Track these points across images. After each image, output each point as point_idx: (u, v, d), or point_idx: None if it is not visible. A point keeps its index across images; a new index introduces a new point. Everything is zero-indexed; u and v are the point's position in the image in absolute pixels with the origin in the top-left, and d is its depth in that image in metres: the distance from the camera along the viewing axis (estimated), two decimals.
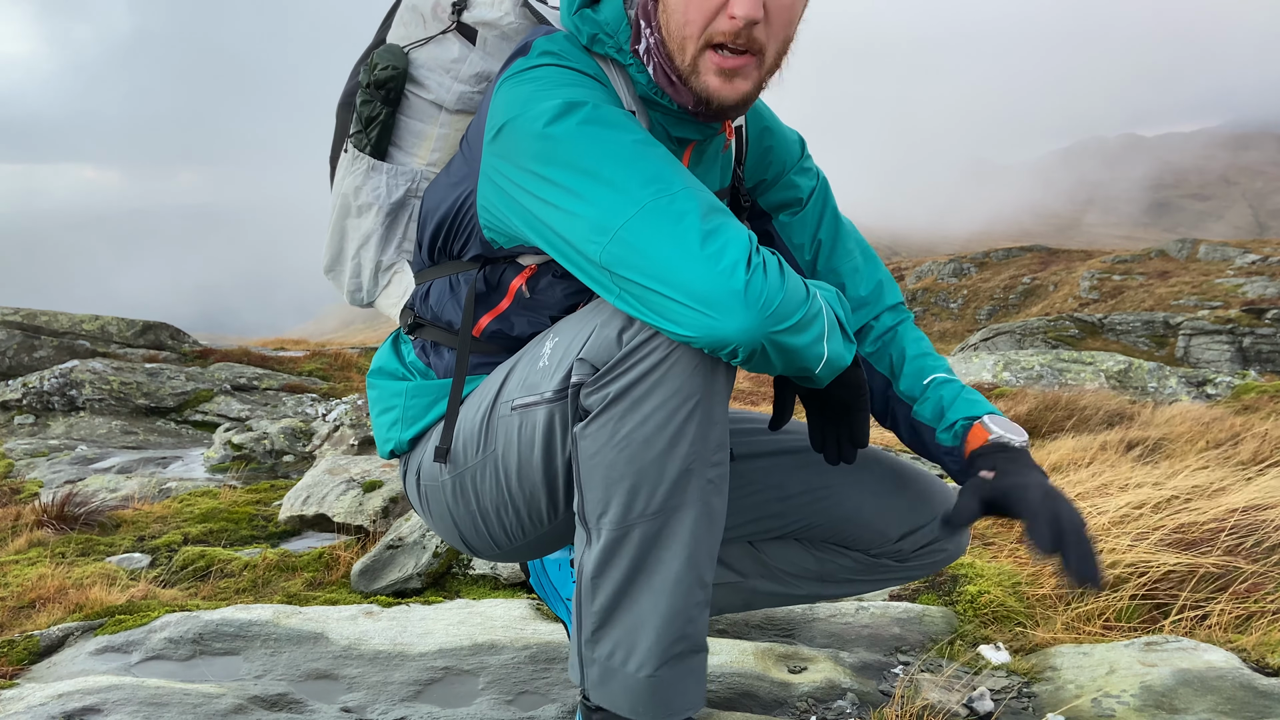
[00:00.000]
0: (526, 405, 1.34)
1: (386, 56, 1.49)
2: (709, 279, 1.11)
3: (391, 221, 1.57)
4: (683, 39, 1.29)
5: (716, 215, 1.17)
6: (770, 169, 1.63)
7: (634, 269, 1.15)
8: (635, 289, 1.16)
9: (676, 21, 1.29)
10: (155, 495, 4.75)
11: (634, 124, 1.26)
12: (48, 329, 11.45)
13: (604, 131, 1.22)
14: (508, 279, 1.45)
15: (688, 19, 1.28)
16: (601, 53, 1.38)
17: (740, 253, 1.12)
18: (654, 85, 1.36)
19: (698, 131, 1.43)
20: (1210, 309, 27.12)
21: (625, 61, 1.37)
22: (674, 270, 1.12)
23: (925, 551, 1.61)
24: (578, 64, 1.35)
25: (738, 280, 1.10)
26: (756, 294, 1.10)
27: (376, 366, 1.66)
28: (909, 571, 1.65)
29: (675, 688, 1.29)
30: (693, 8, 1.27)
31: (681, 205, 1.16)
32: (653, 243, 1.14)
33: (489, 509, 1.45)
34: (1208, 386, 11.51)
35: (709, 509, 1.26)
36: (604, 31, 1.36)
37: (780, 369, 1.19)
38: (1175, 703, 1.76)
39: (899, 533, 1.58)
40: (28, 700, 1.78)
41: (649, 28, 1.33)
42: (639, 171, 1.19)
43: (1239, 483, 3.10)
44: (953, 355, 18.26)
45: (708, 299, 1.11)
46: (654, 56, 1.34)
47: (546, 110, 1.24)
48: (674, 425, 1.21)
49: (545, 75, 1.31)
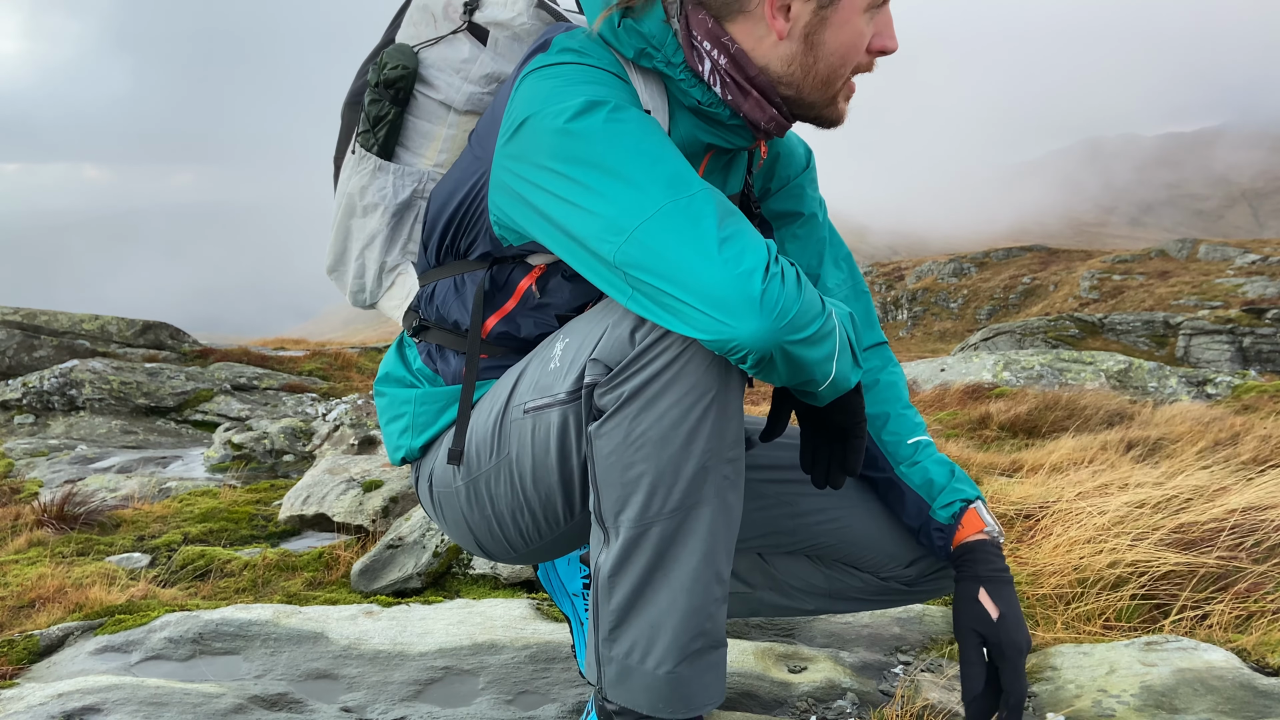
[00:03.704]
0: (539, 407, 1.33)
1: (396, 56, 1.48)
2: (725, 283, 1.11)
3: (397, 222, 1.56)
4: (834, 79, 1.36)
5: (734, 220, 1.17)
6: (777, 176, 1.64)
7: (649, 270, 1.15)
8: (649, 290, 1.16)
9: (831, 67, 1.35)
10: (155, 495, 4.75)
11: (654, 126, 1.26)
12: (47, 329, 11.45)
13: (626, 130, 1.22)
14: (516, 279, 1.44)
15: (845, 62, 1.35)
16: (649, 66, 1.37)
17: (759, 259, 1.12)
18: (711, 98, 1.37)
19: (733, 142, 1.43)
20: (1210, 309, 27.13)
21: (676, 76, 1.37)
22: (690, 273, 1.12)
23: (934, 578, 1.60)
24: (599, 61, 1.34)
25: (754, 285, 1.10)
26: (773, 301, 1.10)
27: (383, 373, 1.65)
28: (917, 595, 1.64)
29: (695, 683, 1.28)
30: (852, 52, 1.35)
31: (700, 207, 1.16)
32: (669, 245, 1.14)
33: (504, 513, 1.44)
34: (1208, 386, 11.50)
35: (726, 505, 1.26)
36: (651, 45, 1.36)
37: (786, 380, 1.18)
38: (1175, 702, 1.76)
39: (910, 558, 1.57)
40: (27, 700, 1.78)
41: (715, 48, 1.34)
42: (659, 173, 1.18)
43: (1239, 483, 3.09)
44: (953, 355, 18.26)
45: (722, 302, 1.11)
46: (723, 75, 1.35)
47: (569, 107, 1.23)
48: (690, 422, 1.21)
49: (567, 72, 1.31)
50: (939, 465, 1.52)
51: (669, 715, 1.29)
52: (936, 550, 1.50)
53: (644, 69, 1.39)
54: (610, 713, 1.34)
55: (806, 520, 1.57)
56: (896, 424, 1.55)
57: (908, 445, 1.54)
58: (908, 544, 1.57)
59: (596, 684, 1.34)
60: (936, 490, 1.50)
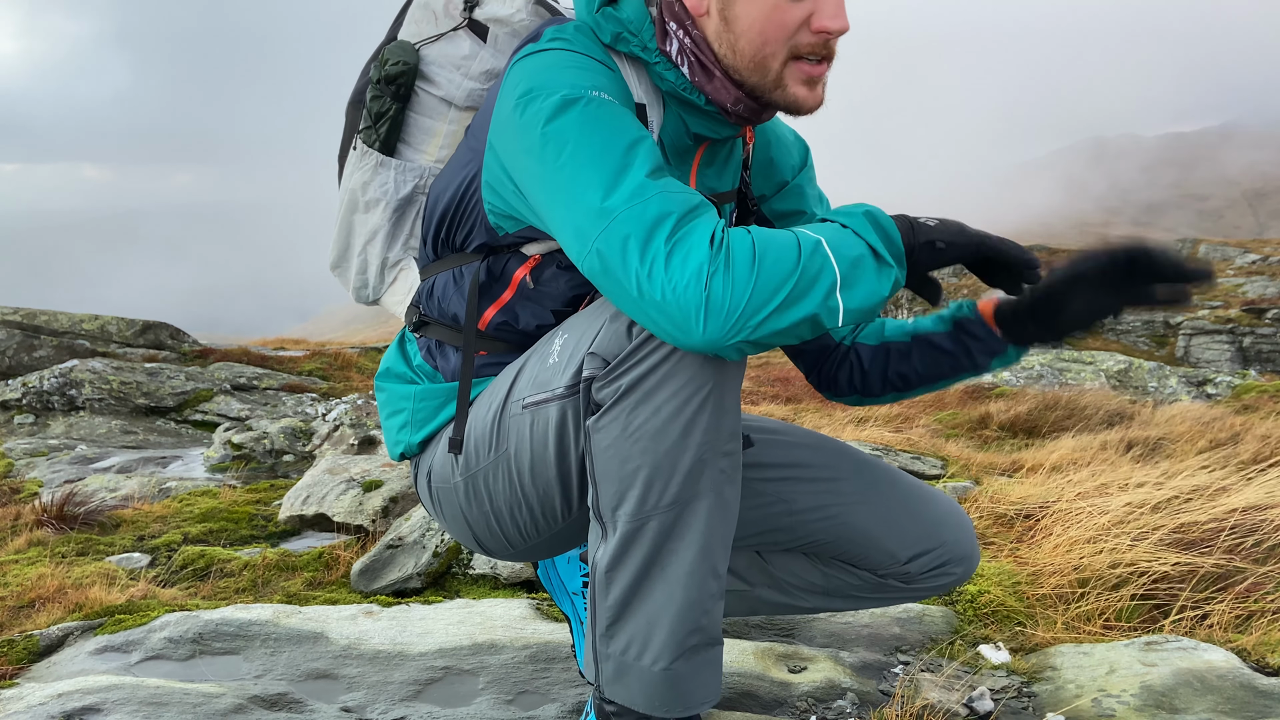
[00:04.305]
0: (538, 403, 1.34)
1: (397, 52, 1.50)
2: (672, 295, 1.10)
3: (399, 218, 1.57)
4: (763, 57, 1.32)
5: (688, 218, 1.15)
6: (775, 176, 1.64)
7: (611, 279, 1.16)
8: (615, 296, 1.17)
9: (752, 44, 1.31)
10: (155, 495, 4.74)
11: (629, 119, 1.26)
12: (47, 328, 11.45)
13: (594, 133, 1.22)
14: (511, 269, 1.45)
15: (768, 38, 1.30)
16: (625, 51, 1.38)
17: (702, 257, 1.10)
18: (684, 82, 1.37)
19: (718, 130, 1.43)
20: (1210, 309, 27.09)
21: (651, 60, 1.37)
22: (642, 286, 1.12)
23: (933, 574, 1.60)
24: (587, 50, 1.36)
25: (697, 293, 1.09)
26: (718, 302, 1.09)
27: (384, 369, 1.66)
28: (915, 593, 1.64)
29: (691, 680, 1.28)
30: (774, 26, 1.29)
31: (655, 210, 1.15)
32: (623, 259, 1.14)
33: (502, 509, 1.44)
34: (1208, 386, 11.50)
35: (722, 499, 1.26)
36: (628, 30, 1.37)
37: (797, 340, 1.16)
38: (1175, 702, 1.76)
39: (908, 555, 1.57)
40: (27, 700, 1.78)
41: (680, 29, 1.35)
42: (618, 176, 1.18)
43: (1239, 483, 3.09)
44: None
45: (672, 316, 1.11)
46: (689, 57, 1.35)
47: (549, 105, 1.24)
48: (686, 415, 1.21)
49: (553, 58, 1.32)
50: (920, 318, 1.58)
51: (666, 714, 1.29)
52: (985, 340, 1.49)
53: (632, 59, 1.40)
54: (609, 713, 1.34)
55: (804, 518, 1.57)
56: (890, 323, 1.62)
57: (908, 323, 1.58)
58: (908, 540, 1.57)
59: (594, 682, 1.34)
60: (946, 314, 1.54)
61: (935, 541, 1.58)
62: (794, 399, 10.06)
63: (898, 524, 1.57)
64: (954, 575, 1.62)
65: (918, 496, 1.61)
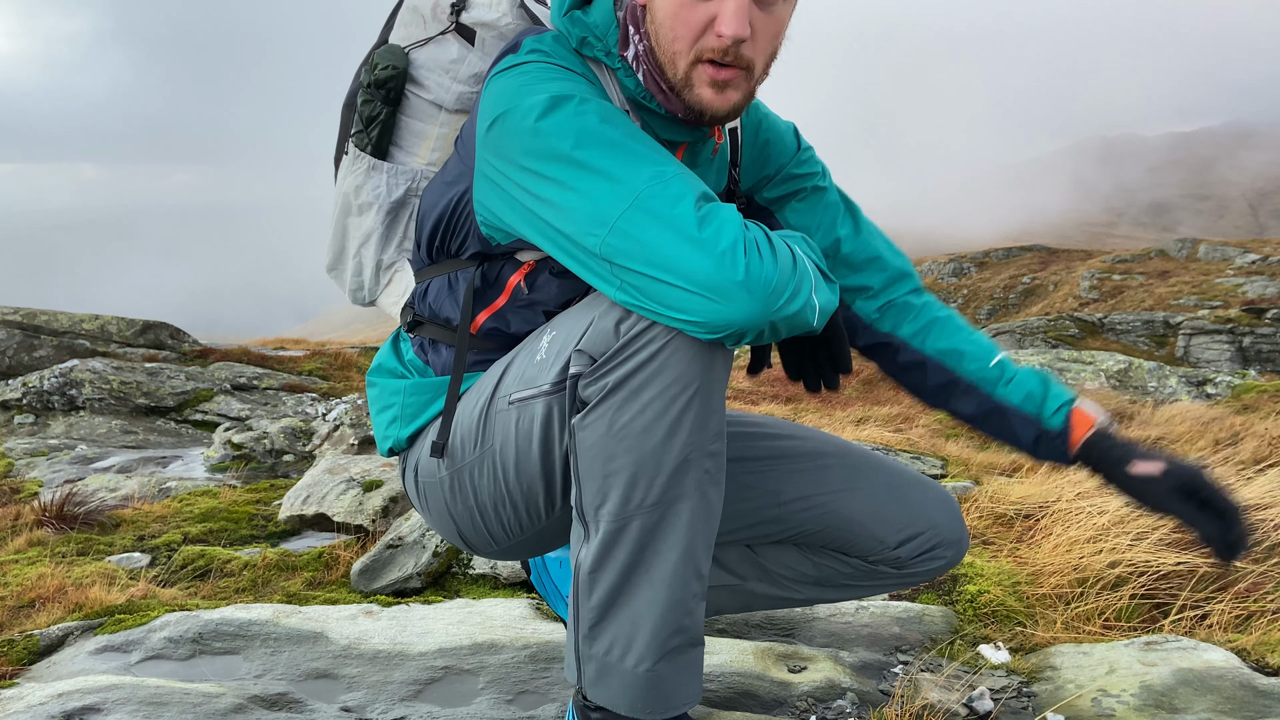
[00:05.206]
0: (524, 399, 1.34)
1: (387, 56, 1.51)
2: (711, 265, 1.11)
3: (392, 220, 1.58)
4: (673, 54, 1.31)
5: (707, 198, 1.18)
6: (769, 164, 1.64)
7: (634, 258, 1.15)
8: (636, 279, 1.16)
9: (666, 38, 1.31)
10: (155, 495, 4.74)
11: (622, 117, 1.27)
12: (47, 328, 11.45)
13: (593, 124, 1.23)
14: (505, 275, 1.45)
15: (675, 35, 1.29)
16: (590, 55, 1.39)
17: (736, 233, 1.13)
18: (642, 89, 1.37)
19: (686, 135, 1.44)
20: (1210, 309, 27.10)
21: (613, 65, 1.38)
22: (676, 258, 1.13)
23: (923, 559, 1.60)
24: (565, 62, 1.36)
25: (738, 267, 1.11)
26: (757, 279, 1.11)
27: (376, 364, 1.66)
28: (907, 579, 1.64)
29: (673, 682, 1.29)
30: (680, 24, 1.28)
31: (676, 190, 1.16)
32: (652, 232, 1.14)
33: (487, 505, 1.45)
34: (1208, 386, 11.50)
35: (706, 500, 1.27)
36: (593, 35, 1.37)
37: (783, 337, 1.19)
38: (1175, 702, 1.76)
39: (896, 540, 1.58)
40: (27, 700, 1.78)
41: (637, 34, 1.35)
42: (631, 161, 1.19)
43: (1239, 483, 3.09)
44: None
45: (711, 286, 1.11)
46: (643, 63, 1.35)
47: (535, 105, 1.24)
48: (672, 414, 1.21)
49: (532, 70, 1.32)
50: (1029, 376, 1.53)
51: (648, 716, 1.29)
52: (1058, 455, 1.50)
53: (603, 66, 1.40)
54: (591, 716, 1.34)
55: (792, 508, 1.58)
56: (974, 352, 1.56)
57: (992, 368, 1.54)
58: (895, 525, 1.57)
59: (576, 683, 1.35)
60: (1038, 401, 1.50)
61: (923, 525, 1.58)
62: (794, 399, 10.06)
63: (884, 509, 1.57)
64: (944, 559, 1.62)
65: (903, 481, 1.61)
